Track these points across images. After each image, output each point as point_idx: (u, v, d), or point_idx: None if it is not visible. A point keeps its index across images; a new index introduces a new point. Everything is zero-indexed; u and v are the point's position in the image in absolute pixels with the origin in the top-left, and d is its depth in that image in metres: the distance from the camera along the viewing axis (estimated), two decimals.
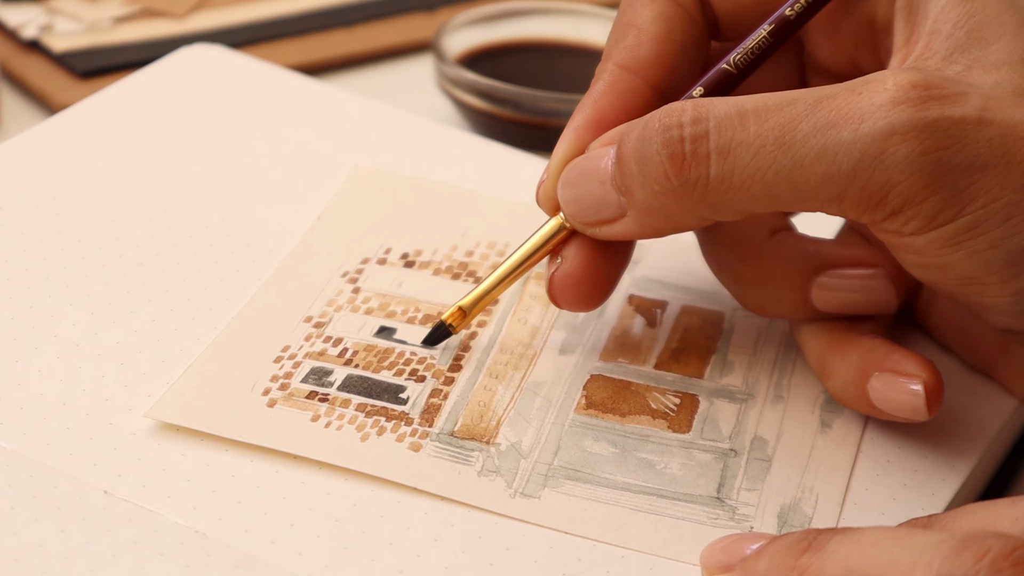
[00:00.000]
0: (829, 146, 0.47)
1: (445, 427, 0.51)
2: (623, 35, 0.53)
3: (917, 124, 0.47)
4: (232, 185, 0.61)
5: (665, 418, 0.53)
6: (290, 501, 0.49)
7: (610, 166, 0.50)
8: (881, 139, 0.47)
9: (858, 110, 0.47)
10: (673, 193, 0.49)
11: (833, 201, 0.48)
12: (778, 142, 0.47)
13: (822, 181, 0.47)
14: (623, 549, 0.48)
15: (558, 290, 0.52)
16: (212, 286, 0.56)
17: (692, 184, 0.48)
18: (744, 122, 0.48)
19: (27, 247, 0.57)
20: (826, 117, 0.47)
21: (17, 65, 0.76)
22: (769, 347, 0.56)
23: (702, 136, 0.48)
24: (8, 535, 0.47)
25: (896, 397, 0.51)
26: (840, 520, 0.50)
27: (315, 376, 0.53)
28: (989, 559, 0.40)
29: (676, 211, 0.49)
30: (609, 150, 0.50)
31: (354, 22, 0.81)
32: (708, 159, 0.48)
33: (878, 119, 0.47)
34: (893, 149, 0.47)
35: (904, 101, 0.47)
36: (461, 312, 0.54)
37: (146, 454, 0.50)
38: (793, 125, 0.47)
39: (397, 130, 0.65)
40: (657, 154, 0.49)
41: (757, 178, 0.48)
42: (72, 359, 0.53)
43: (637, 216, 0.50)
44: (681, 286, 0.58)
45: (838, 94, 0.48)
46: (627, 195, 0.50)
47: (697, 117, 0.48)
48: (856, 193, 0.47)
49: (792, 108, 0.48)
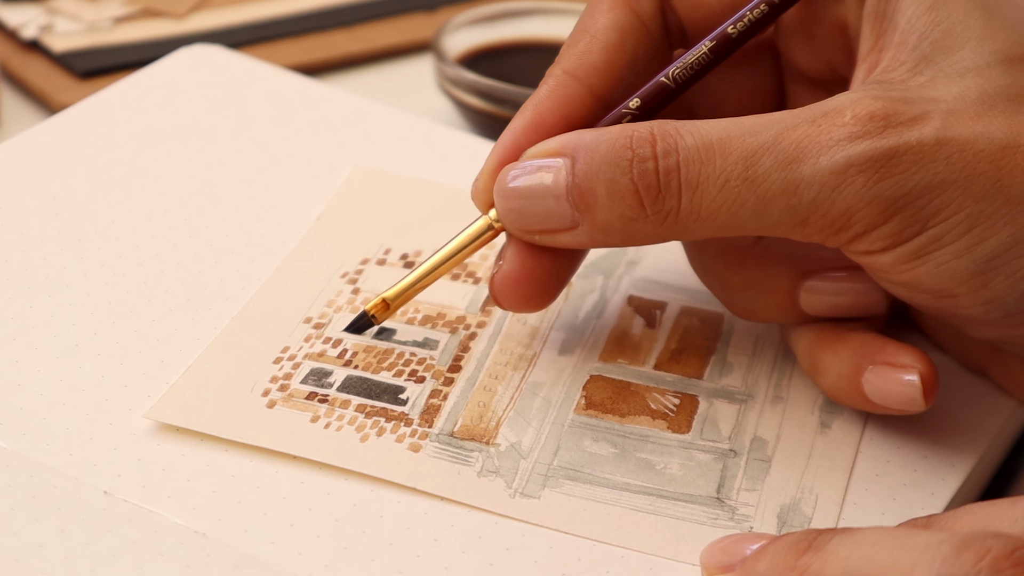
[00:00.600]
0: (790, 180, 0.48)
1: (445, 428, 0.51)
2: (576, 41, 0.53)
3: (872, 155, 0.48)
4: (232, 186, 0.61)
5: (665, 418, 0.53)
6: (290, 501, 0.49)
7: (564, 180, 0.50)
8: (839, 172, 0.48)
9: (817, 143, 0.48)
10: (644, 219, 0.50)
11: (796, 229, 0.49)
12: (742, 177, 0.48)
13: (785, 212, 0.49)
14: (623, 549, 0.48)
15: (498, 291, 0.52)
16: (212, 286, 0.56)
17: (664, 214, 0.49)
18: (710, 156, 0.49)
19: (27, 247, 0.57)
20: (787, 150, 0.48)
21: (17, 65, 0.76)
22: (768, 348, 0.56)
23: (673, 169, 0.49)
24: (8, 535, 0.47)
25: (892, 389, 0.52)
26: (840, 520, 0.50)
27: (315, 377, 0.53)
28: (989, 559, 0.40)
29: (639, 233, 0.50)
30: (561, 164, 0.50)
31: (354, 22, 0.81)
32: (679, 192, 0.49)
33: (835, 153, 0.48)
34: (850, 180, 0.48)
35: (861, 135, 0.48)
36: (384, 304, 0.54)
37: (146, 454, 0.50)
38: (756, 159, 0.48)
39: (396, 131, 0.65)
40: (631, 183, 0.49)
41: (723, 211, 0.49)
42: (72, 359, 0.53)
43: (591, 232, 0.50)
44: (680, 287, 0.58)
45: (799, 125, 0.49)
46: (586, 213, 0.50)
47: (667, 149, 0.49)
48: (818, 221, 0.48)
49: (754, 139, 0.49)
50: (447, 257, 0.53)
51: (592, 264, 0.59)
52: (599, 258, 0.59)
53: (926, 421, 0.53)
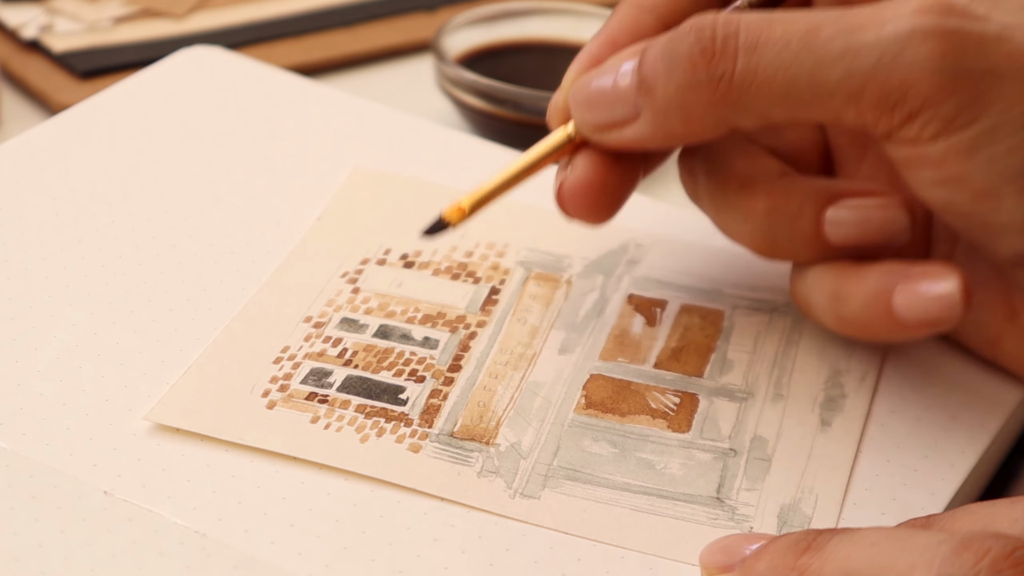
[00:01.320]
0: (852, 45, 0.49)
1: (445, 428, 0.51)
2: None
3: (939, 28, 0.49)
4: (232, 186, 0.61)
5: (665, 418, 0.53)
6: (290, 501, 0.49)
7: (631, 67, 0.51)
8: (903, 39, 0.48)
9: (882, 16, 0.49)
10: (698, 87, 0.50)
11: (852, 100, 0.49)
12: (803, 41, 0.49)
13: (843, 77, 0.49)
14: (623, 549, 0.48)
15: (568, 198, 0.53)
16: (212, 286, 0.56)
17: (718, 78, 0.50)
18: (772, 24, 0.50)
19: (27, 247, 0.57)
20: (851, 22, 0.49)
21: (17, 65, 0.76)
22: (769, 345, 0.56)
23: (732, 35, 0.50)
24: (8, 535, 0.47)
25: (927, 302, 0.51)
26: (840, 520, 0.50)
27: (314, 377, 0.53)
28: (989, 560, 0.40)
29: (696, 109, 0.50)
30: (628, 64, 0.51)
31: (354, 22, 0.81)
32: (736, 54, 0.50)
33: (901, 22, 0.49)
34: (914, 48, 0.48)
35: (928, 11, 0.49)
36: (461, 210, 0.52)
37: (146, 454, 0.50)
38: (818, 28, 0.49)
39: (396, 132, 0.65)
40: (689, 48, 0.50)
41: (780, 74, 0.49)
42: (72, 359, 0.53)
43: (653, 116, 0.51)
44: (681, 285, 0.58)
45: (864, 9, 0.50)
46: (648, 93, 0.51)
47: (728, 19, 0.50)
48: (875, 91, 0.49)
49: (819, 15, 0.50)
50: (526, 167, 0.53)
51: (592, 263, 0.59)
52: (599, 257, 0.59)
53: (926, 421, 0.53)
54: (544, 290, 0.57)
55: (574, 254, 0.59)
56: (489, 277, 0.57)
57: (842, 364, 0.55)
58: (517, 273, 0.58)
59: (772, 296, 0.58)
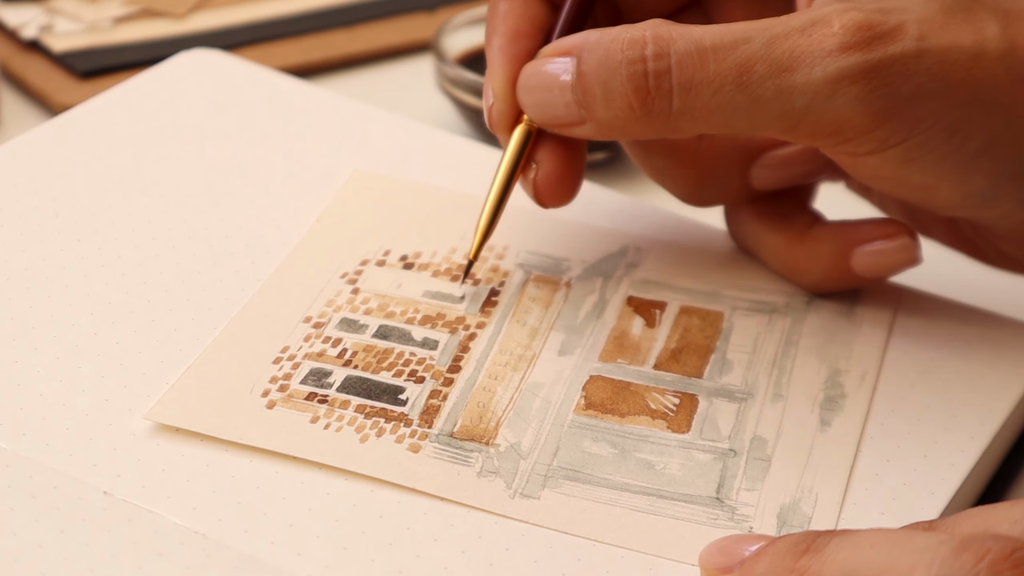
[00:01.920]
0: (784, 87, 0.51)
1: (444, 428, 0.51)
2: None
3: (865, 67, 0.51)
4: (231, 188, 0.61)
5: (664, 418, 0.53)
6: (290, 501, 0.49)
7: (569, 79, 0.53)
8: (832, 83, 0.51)
9: (809, 53, 0.51)
10: (635, 119, 0.52)
11: (787, 132, 0.52)
12: (736, 82, 0.51)
13: (777, 116, 0.51)
14: (623, 549, 0.48)
15: (543, 192, 0.56)
16: (212, 286, 0.56)
17: (655, 114, 0.52)
18: (704, 60, 0.51)
19: (27, 247, 0.57)
20: (779, 59, 0.51)
21: (17, 65, 0.76)
22: (768, 345, 0.56)
23: (664, 72, 0.51)
24: (8, 535, 0.47)
25: (886, 259, 0.57)
26: (840, 520, 0.50)
27: (314, 377, 0.53)
28: (988, 560, 0.40)
29: (636, 132, 0.53)
30: (568, 63, 0.53)
31: (354, 22, 0.81)
32: (671, 94, 0.52)
33: (829, 64, 0.51)
34: (843, 92, 0.51)
35: (852, 46, 0.51)
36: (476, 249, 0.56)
37: (146, 455, 0.50)
38: (750, 66, 0.51)
39: (396, 136, 0.65)
40: (622, 85, 0.52)
41: (717, 113, 0.52)
42: (71, 359, 0.53)
43: (597, 127, 0.53)
44: (680, 287, 0.58)
45: (789, 34, 0.51)
46: (587, 111, 0.53)
47: (659, 52, 0.51)
48: (810, 127, 0.52)
49: (747, 47, 0.51)
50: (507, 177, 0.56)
51: (592, 266, 0.59)
52: (599, 260, 0.59)
53: (926, 421, 0.53)
54: (543, 292, 0.57)
55: (573, 257, 0.59)
56: (489, 279, 0.58)
57: (842, 364, 0.55)
58: (516, 275, 0.58)
59: (771, 297, 0.58)
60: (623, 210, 0.61)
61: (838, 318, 0.57)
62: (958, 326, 0.58)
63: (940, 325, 0.58)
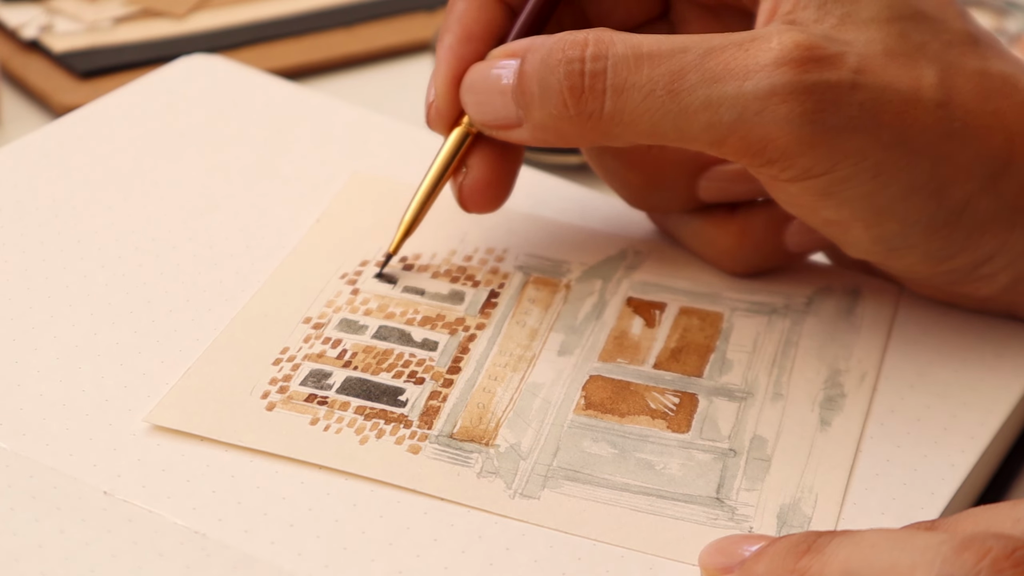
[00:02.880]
0: (713, 98, 0.51)
1: (444, 429, 0.51)
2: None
3: (797, 86, 0.50)
4: (231, 191, 0.61)
5: (664, 418, 0.53)
6: (290, 501, 0.49)
7: (511, 80, 0.53)
8: (763, 97, 0.50)
9: (743, 66, 0.51)
10: (569, 119, 0.52)
11: (714, 145, 0.52)
12: (667, 88, 0.51)
13: (705, 127, 0.51)
14: (623, 549, 0.48)
15: (468, 197, 0.57)
16: (211, 288, 0.56)
17: (587, 115, 0.52)
18: (639, 65, 0.51)
19: (27, 248, 0.57)
20: (713, 70, 0.51)
21: (17, 65, 0.76)
22: (768, 345, 0.56)
23: (600, 73, 0.52)
24: (8, 535, 0.47)
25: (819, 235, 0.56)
26: (840, 520, 0.50)
27: (314, 379, 0.53)
28: (990, 559, 0.40)
29: (569, 134, 0.53)
30: (513, 64, 0.54)
31: (354, 22, 0.81)
32: (603, 95, 0.52)
33: (761, 78, 0.50)
34: (773, 108, 0.50)
35: (787, 63, 0.50)
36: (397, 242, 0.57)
37: (146, 455, 0.50)
38: (682, 74, 0.51)
39: (396, 141, 0.65)
40: (558, 83, 0.52)
41: (646, 118, 0.51)
42: (71, 360, 0.53)
43: (532, 130, 0.54)
44: (679, 289, 0.58)
45: (727, 47, 0.51)
46: (525, 111, 0.53)
47: (597, 54, 0.52)
48: (736, 142, 0.51)
49: (683, 56, 0.51)
50: (439, 174, 0.57)
51: (591, 268, 0.59)
52: (598, 263, 0.59)
53: (926, 420, 0.53)
54: (543, 294, 0.57)
55: (573, 260, 0.59)
56: (488, 281, 0.58)
57: (841, 364, 0.55)
58: (516, 278, 0.58)
59: (770, 299, 0.58)
60: (622, 216, 0.61)
61: (838, 319, 0.57)
62: (958, 326, 0.58)
63: (940, 325, 0.58)
